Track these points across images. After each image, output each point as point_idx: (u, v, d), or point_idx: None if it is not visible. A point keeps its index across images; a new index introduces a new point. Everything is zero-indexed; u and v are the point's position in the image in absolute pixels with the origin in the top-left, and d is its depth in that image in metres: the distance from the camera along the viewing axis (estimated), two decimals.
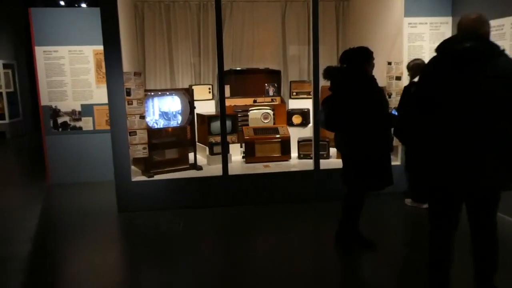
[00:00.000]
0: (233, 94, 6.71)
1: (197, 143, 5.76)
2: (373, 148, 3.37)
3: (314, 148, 4.94)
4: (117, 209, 4.69)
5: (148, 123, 4.90)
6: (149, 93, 4.96)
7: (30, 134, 10.96)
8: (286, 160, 5.46)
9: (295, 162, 5.46)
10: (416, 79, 4.46)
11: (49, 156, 6.05)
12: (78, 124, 6.03)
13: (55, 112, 5.96)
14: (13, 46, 11.40)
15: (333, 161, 5.36)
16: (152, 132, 4.94)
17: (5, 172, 7.30)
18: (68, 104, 5.97)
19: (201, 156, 5.80)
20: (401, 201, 4.81)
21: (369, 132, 3.33)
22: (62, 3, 10.47)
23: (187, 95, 5.14)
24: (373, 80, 3.41)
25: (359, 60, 3.37)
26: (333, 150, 5.55)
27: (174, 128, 5.14)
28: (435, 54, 2.55)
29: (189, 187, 4.77)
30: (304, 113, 5.92)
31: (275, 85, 6.84)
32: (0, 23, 11.29)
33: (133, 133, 4.60)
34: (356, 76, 3.36)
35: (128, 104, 4.53)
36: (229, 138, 5.53)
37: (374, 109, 3.32)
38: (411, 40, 5.06)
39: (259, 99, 6.66)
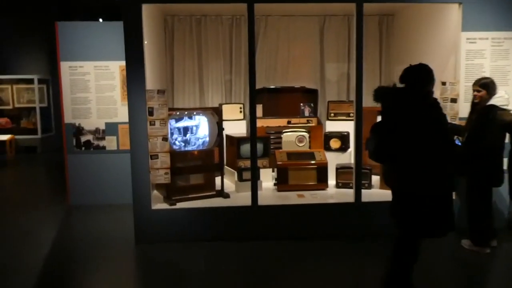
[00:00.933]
0: (266, 114, 6.24)
1: (225, 167, 5.32)
2: (434, 186, 2.79)
3: (356, 177, 4.37)
4: (134, 240, 4.26)
5: (172, 145, 4.50)
6: (174, 113, 4.56)
7: (61, 149, 10.86)
8: (323, 189, 4.91)
9: (332, 191, 4.90)
10: (495, 101, 3.83)
11: (70, 175, 5.74)
12: (101, 143, 5.71)
13: (79, 130, 5.67)
14: (48, 61, 11.45)
15: (376, 192, 4.77)
16: (176, 155, 4.52)
17: (29, 189, 7.07)
18: (92, 122, 5.67)
19: (229, 181, 5.33)
20: (456, 242, 4.15)
21: (430, 166, 2.76)
22: (93, 18, 10.42)
23: (215, 115, 4.71)
24: (437, 104, 2.86)
25: (422, 79, 2.84)
26: (375, 179, 4.95)
27: (200, 151, 4.71)
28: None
29: (214, 218, 4.30)
30: (343, 137, 5.36)
31: (311, 105, 6.34)
32: (36, 37, 11.39)
33: (155, 156, 4.18)
34: (419, 98, 2.82)
35: (150, 124, 4.14)
36: (260, 162, 5.05)
37: (438, 138, 2.76)
38: (470, 57, 4.45)
39: (293, 120, 6.17)
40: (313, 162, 4.94)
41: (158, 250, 4.11)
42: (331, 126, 5.93)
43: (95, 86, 5.62)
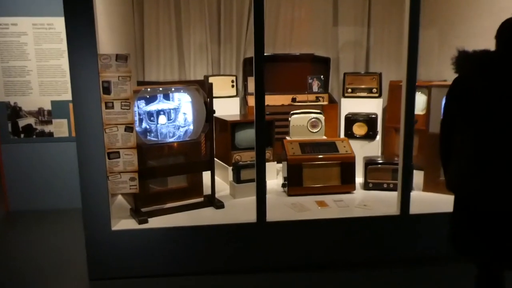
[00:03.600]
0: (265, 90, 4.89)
1: (215, 159, 3.97)
2: None
3: (403, 179, 3.10)
4: (87, 274, 2.93)
5: (141, 137, 3.12)
6: (142, 89, 3.16)
7: None
8: (349, 192, 3.64)
9: (361, 195, 3.64)
10: None
11: (7, 172, 4.30)
12: (47, 128, 4.27)
13: (15, 112, 4.20)
14: None
15: (420, 196, 3.53)
16: (147, 150, 3.16)
17: None
18: (33, 100, 4.21)
19: (221, 180, 4.01)
20: None
21: None
22: None
23: (201, 91, 3.34)
24: None
25: None
26: (417, 179, 3.70)
27: (182, 144, 3.35)
28: None
29: (202, 241, 2.99)
30: (371, 121, 4.08)
31: (322, 78, 5.01)
32: None
33: (115, 154, 2.81)
34: None
35: (107, 107, 2.74)
36: (253, 154, 3.74)
37: None
38: None
39: (299, 97, 4.86)
40: (336, 156, 3.65)
41: None
42: (348, 105, 4.64)
43: (35, 52, 4.13)
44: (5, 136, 4.24)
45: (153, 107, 3.25)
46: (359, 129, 4.08)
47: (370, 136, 4.06)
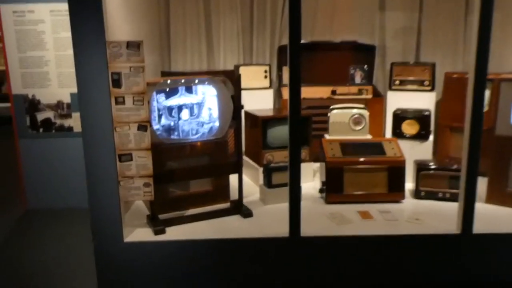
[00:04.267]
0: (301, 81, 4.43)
1: (244, 157, 3.57)
2: None
3: (467, 189, 2.57)
4: None
5: (160, 134, 2.75)
6: (161, 81, 2.78)
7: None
8: (397, 201, 3.15)
9: (411, 205, 3.14)
10: None
11: (25, 168, 4.07)
12: (66, 122, 4.00)
13: (33, 105, 3.95)
14: None
15: (485, 209, 2.98)
16: (165, 150, 2.78)
17: None
18: (52, 92, 3.94)
19: (250, 180, 3.61)
20: None
21: None
22: None
23: (229, 83, 2.92)
24: None
25: None
26: (479, 187, 3.14)
27: (206, 142, 2.95)
28: None
29: (225, 257, 2.60)
30: (423, 118, 3.54)
31: (365, 68, 4.48)
32: None
33: (126, 157, 2.45)
34: None
35: (117, 103, 2.38)
36: (286, 153, 3.31)
37: None
38: None
39: (340, 89, 4.36)
40: (383, 159, 3.15)
41: None
42: (396, 99, 4.10)
43: (53, 40, 3.84)
44: (23, 130, 4.00)
45: (173, 101, 2.87)
46: (409, 127, 3.55)
47: (421, 136, 3.53)
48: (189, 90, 2.90)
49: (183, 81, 2.86)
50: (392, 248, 2.61)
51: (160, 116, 2.83)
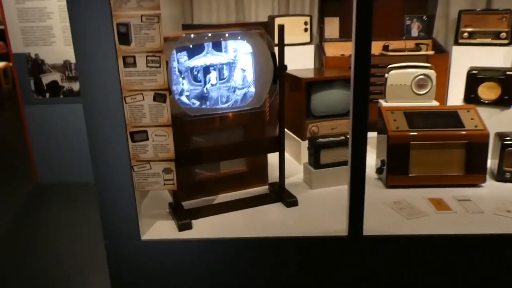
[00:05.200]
0: (345, 34, 3.75)
1: (286, 131, 2.98)
2: None
3: None
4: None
5: (182, 104, 2.19)
6: (183, 36, 2.17)
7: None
8: (476, 186, 2.53)
9: (493, 189, 2.52)
10: None
11: (33, 139, 3.61)
12: (76, 86, 3.47)
13: (36, 65, 3.41)
14: None
15: None
16: (191, 124, 2.22)
17: None
18: (57, 51, 3.39)
19: (290, 156, 3.04)
20: None
21: None
22: None
23: (268, 37, 2.30)
24: None
25: None
26: None
27: (239, 113, 2.36)
28: None
29: (264, 261, 2.08)
30: (507, 80, 2.84)
31: (424, 18, 3.74)
32: None
33: (140, 135, 1.90)
34: None
35: (126, 64, 1.79)
36: (339, 122, 2.75)
37: None
38: None
39: (393, 44, 3.67)
40: (461, 132, 2.51)
41: None
42: (464, 55, 3.39)
43: None
44: (28, 96, 3.50)
45: (198, 61, 2.27)
46: (488, 91, 2.86)
47: (504, 102, 2.84)
48: (217, 47, 2.29)
49: (210, 35, 2.24)
50: (482, 251, 2.03)
51: (180, 79, 2.24)
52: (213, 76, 2.31)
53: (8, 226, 2.90)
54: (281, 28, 2.24)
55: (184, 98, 2.26)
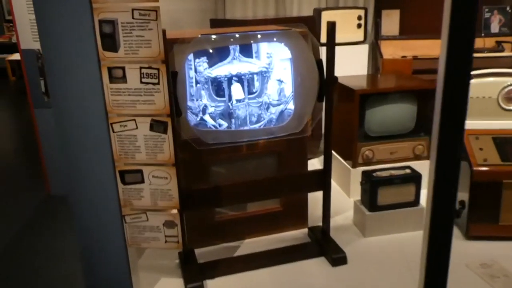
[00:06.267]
0: (407, 31, 3.09)
1: (333, 154, 2.38)
2: None
3: None
4: None
5: (197, 126, 1.65)
6: (199, 37, 1.61)
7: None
8: None
9: None
10: None
11: (46, 146, 3.20)
12: None
13: None
14: None
15: None
16: (208, 152, 1.68)
17: None
18: None
19: (335, 183, 2.44)
20: None
21: None
22: None
23: (313, 38, 1.72)
24: None
25: None
26: None
27: (273, 141, 1.79)
28: None
29: None
30: None
31: (508, 9, 3.03)
32: None
33: (133, 176, 1.37)
34: None
35: (112, 79, 1.27)
36: (408, 146, 2.13)
37: None
38: None
39: None
40: None
41: None
42: None
43: None
44: (38, 98, 3.08)
45: (221, 70, 1.73)
46: None
47: None
48: (246, 51, 1.74)
49: (237, 35, 1.68)
50: None
51: (199, 95, 1.71)
52: (237, 89, 1.76)
53: (18, 236, 2.51)
54: (332, 26, 1.65)
55: (207, 118, 1.73)
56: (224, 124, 1.77)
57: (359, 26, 2.97)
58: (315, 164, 2.66)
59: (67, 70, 1.26)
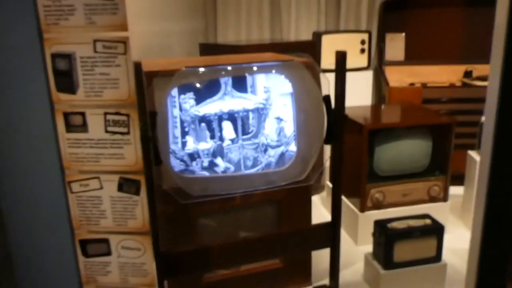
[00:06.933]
0: (414, 56, 2.87)
1: (343, 198, 2.10)
2: None
3: None
4: None
5: (180, 173, 1.37)
6: (183, 70, 1.34)
7: None
8: None
9: None
10: None
11: None
12: None
13: None
14: None
15: None
16: (193, 208, 1.40)
17: None
18: None
19: (345, 234, 2.15)
20: None
21: None
22: None
23: (317, 67, 1.47)
24: None
25: None
26: None
27: (272, 191, 1.52)
28: None
29: None
30: None
31: None
32: None
33: (97, 247, 1.09)
34: None
35: (70, 128, 1.00)
36: (423, 187, 1.86)
37: None
38: None
39: (479, 69, 2.75)
40: None
41: None
42: None
43: None
44: None
45: (210, 107, 1.47)
46: None
47: None
48: (240, 84, 1.48)
49: (229, 68, 1.42)
50: None
51: (184, 136, 1.44)
52: (228, 128, 1.49)
53: None
54: (342, 56, 1.40)
55: (193, 163, 1.45)
56: (215, 169, 1.50)
57: (362, 51, 2.74)
58: (315, 202, 2.38)
59: (11, 116, 0.99)
